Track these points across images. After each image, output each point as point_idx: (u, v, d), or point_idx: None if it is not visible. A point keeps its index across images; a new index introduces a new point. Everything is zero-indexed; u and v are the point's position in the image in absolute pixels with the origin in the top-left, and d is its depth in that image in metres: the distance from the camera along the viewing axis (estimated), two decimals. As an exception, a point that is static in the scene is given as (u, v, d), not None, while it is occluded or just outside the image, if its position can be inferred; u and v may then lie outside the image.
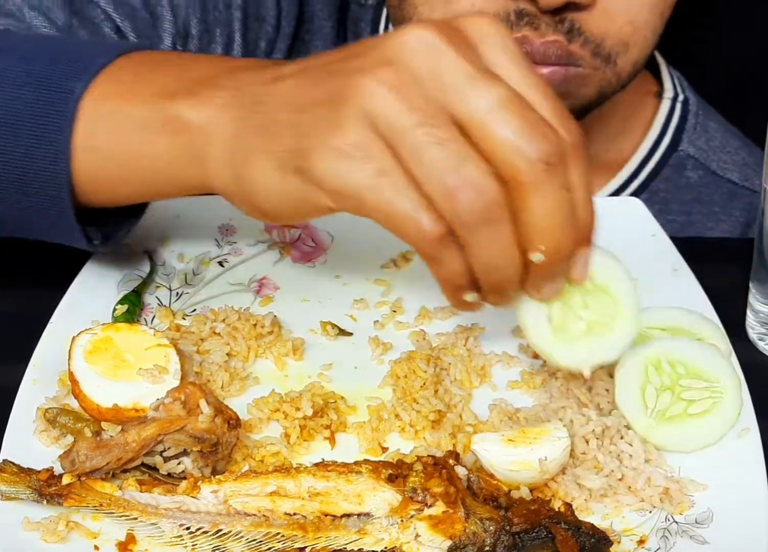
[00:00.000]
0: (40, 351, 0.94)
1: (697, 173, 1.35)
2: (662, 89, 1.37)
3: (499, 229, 0.75)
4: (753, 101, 1.44)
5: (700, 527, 0.82)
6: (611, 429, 0.87)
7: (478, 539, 0.77)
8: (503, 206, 0.75)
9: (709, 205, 1.35)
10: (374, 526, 0.79)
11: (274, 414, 0.90)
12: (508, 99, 0.74)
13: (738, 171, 1.36)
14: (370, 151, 0.75)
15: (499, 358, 0.97)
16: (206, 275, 1.06)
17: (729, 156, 1.37)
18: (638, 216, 1.12)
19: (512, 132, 0.73)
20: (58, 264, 1.03)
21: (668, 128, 1.35)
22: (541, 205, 0.75)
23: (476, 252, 0.77)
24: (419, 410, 0.91)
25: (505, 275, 0.78)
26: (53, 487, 0.80)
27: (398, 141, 0.74)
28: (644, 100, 1.37)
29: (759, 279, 1.01)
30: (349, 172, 0.75)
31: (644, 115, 1.37)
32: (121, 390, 0.87)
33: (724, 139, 1.37)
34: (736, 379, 0.89)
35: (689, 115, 1.36)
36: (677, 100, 1.37)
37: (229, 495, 0.80)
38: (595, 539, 0.78)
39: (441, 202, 0.74)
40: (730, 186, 1.35)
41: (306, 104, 0.78)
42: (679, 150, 1.35)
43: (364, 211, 0.77)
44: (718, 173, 1.36)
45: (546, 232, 0.76)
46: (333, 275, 1.07)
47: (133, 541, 0.80)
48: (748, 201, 1.35)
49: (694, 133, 1.36)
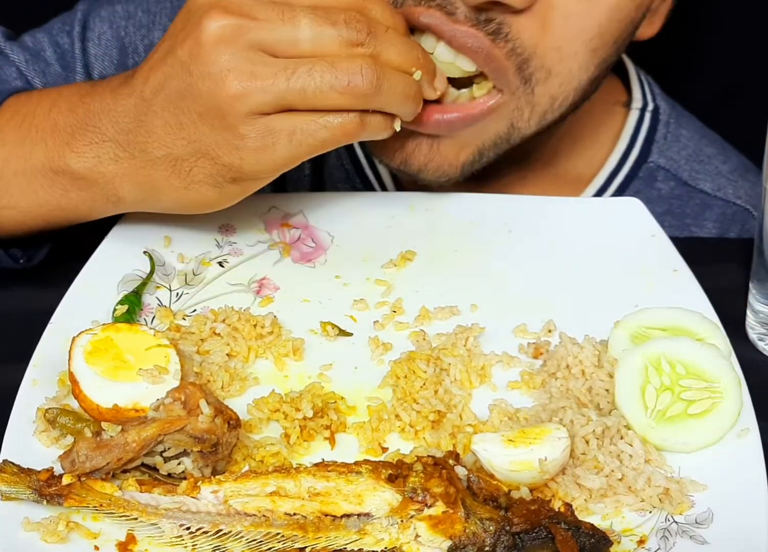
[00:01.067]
0: (40, 351, 0.94)
1: (668, 184, 1.33)
2: (631, 99, 1.34)
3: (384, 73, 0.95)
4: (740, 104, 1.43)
5: (700, 527, 0.82)
6: (611, 429, 0.87)
7: (478, 539, 0.77)
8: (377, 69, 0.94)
9: (680, 217, 1.32)
10: (374, 527, 0.79)
11: (274, 414, 0.91)
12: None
13: (711, 181, 1.33)
14: (269, 129, 0.93)
15: (499, 358, 0.97)
16: (206, 275, 1.06)
17: (702, 165, 1.34)
18: (638, 216, 1.12)
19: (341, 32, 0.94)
20: (58, 264, 1.03)
21: (637, 139, 1.33)
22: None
23: (385, 97, 0.95)
24: (419, 410, 0.91)
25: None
26: (53, 488, 0.80)
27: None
28: (612, 111, 1.34)
29: (759, 279, 1.01)
30: (273, 155, 0.94)
31: (612, 127, 1.34)
32: (122, 390, 0.87)
33: (697, 148, 1.34)
34: (736, 379, 0.89)
35: (659, 125, 1.33)
36: (646, 109, 1.34)
37: (229, 495, 0.80)
38: (595, 539, 0.78)
39: (340, 96, 0.93)
40: (703, 196, 1.33)
41: (186, 124, 0.95)
42: (648, 161, 1.32)
43: (306, 157, 0.96)
44: (690, 184, 1.33)
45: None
46: (333, 275, 1.07)
47: (133, 542, 0.80)
48: (720, 212, 1.32)
49: (664, 143, 1.33)
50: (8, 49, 1.31)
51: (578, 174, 1.33)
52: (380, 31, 0.96)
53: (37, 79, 1.29)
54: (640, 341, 0.93)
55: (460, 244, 1.10)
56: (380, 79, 0.94)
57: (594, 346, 0.96)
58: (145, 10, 1.35)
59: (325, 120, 0.94)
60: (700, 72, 1.60)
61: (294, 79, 0.92)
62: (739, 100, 1.60)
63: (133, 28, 1.35)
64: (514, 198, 1.16)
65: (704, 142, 1.36)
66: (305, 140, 0.94)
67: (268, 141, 0.93)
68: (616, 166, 1.32)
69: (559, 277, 1.06)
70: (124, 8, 1.35)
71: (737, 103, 1.60)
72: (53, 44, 1.32)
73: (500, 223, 1.12)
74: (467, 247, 1.10)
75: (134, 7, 1.36)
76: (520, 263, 1.08)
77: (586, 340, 0.96)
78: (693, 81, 1.56)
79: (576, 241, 1.10)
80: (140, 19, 1.35)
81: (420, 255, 1.09)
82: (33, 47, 1.32)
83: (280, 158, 0.95)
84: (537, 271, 1.07)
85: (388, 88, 0.95)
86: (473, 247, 1.10)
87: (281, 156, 0.94)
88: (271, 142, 0.93)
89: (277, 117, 0.93)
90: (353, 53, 0.94)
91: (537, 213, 1.13)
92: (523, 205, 1.14)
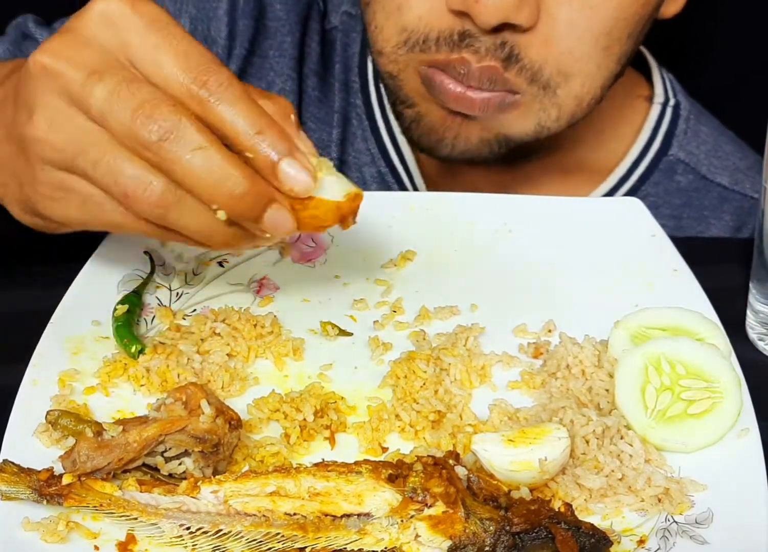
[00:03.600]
0: (40, 351, 0.94)
1: (687, 178, 1.35)
2: (653, 94, 1.37)
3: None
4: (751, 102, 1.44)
5: (700, 527, 0.82)
6: (611, 429, 0.87)
7: (478, 539, 0.77)
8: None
9: (699, 209, 1.35)
10: (374, 527, 0.79)
11: (274, 414, 0.91)
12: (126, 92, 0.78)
13: (729, 175, 1.36)
14: (63, 185, 0.83)
15: (499, 358, 0.97)
16: (206, 275, 1.06)
17: (720, 160, 1.37)
18: (638, 216, 1.12)
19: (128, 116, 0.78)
20: (58, 264, 1.03)
21: (658, 133, 1.35)
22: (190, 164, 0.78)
23: (174, 223, 0.81)
24: (419, 410, 0.91)
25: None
26: (53, 487, 0.80)
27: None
28: (634, 104, 1.37)
29: (759, 279, 1.01)
30: (65, 211, 0.84)
31: (634, 120, 1.37)
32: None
33: (716, 144, 1.37)
34: (736, 379, 0.89)
35: (680, 120, 1.36)
36: (668, 104, 1.37)
37: (229, 495, 0.80)
38: (595, 539, 0.78)
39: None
40: (721, 190, 1.35)
41: (5, 136, 0.86)
42: (669, 154, 1.35)
43: (102, 229, 0.87)
44: (708, 177, 1.36)
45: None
46: (333, 275, 1.07)
47: (133, 542, 0.80)
48: (738, 205, 1.35)
49: (684, 137, 1.36)
50: (38, 34, 1.31)
51: (600, 164, 1.35)
52: (187, 142, 0.77)
53: None
54: (640, 341, 0.93)
55: (460, 244, 1.10)
56: (167, 207, 0.79)
57: (594, 346, 0.96)
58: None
59: (118, 207, 0.82)
60: (700, 71, 1.60)
61: (80, 160, 0.80)
62: (738, 100, 1.60)
63: None
64: (514, 198, 1.16)
65: (722, 140, 1.39)
66: (98, 214, 0.83)
67: (61, 195, 0.84)
68: (637, 158, 1.35)
69: (559, 277, 1.06)
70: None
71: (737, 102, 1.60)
72: None
73: (500, 223, 1.12)
74: (467, 247, 1.10)
75: None
76: (520, 263, 1.08)
77: (586, 340, 0.96)
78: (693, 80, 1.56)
79: (576, 241, 1.10)
80: (167, 6, 1.34)
81: (420, 255, 1.09)
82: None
83: (74, 218, 0.85)
84: (537, 271, 1.07)
85: (176, 219, 0.80)
86: (473, 247, 1.10)
87: (74, 216, 0.85)
88: (63, 196, 0.84)
89: (72, 176, 0.82)
90: (142, 155, 0.78)
91: (537, 213, 1.13)
92: (523, 205, 1.14)
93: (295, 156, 0.80)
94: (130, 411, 0.91)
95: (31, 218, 0.90)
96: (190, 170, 0.77)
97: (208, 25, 1.35)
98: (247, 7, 1.36)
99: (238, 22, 1.35)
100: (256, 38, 1.37)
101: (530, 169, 1.32)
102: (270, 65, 1.38)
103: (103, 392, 0.92)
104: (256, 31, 1.37)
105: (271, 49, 1.38)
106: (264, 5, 1.37)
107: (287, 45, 1.38)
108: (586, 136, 1.32)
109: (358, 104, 1.40)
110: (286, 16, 1.38)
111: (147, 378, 0.93)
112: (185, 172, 0.78)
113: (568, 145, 1.32)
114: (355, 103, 1.40)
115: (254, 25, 1.36)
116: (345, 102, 1.40)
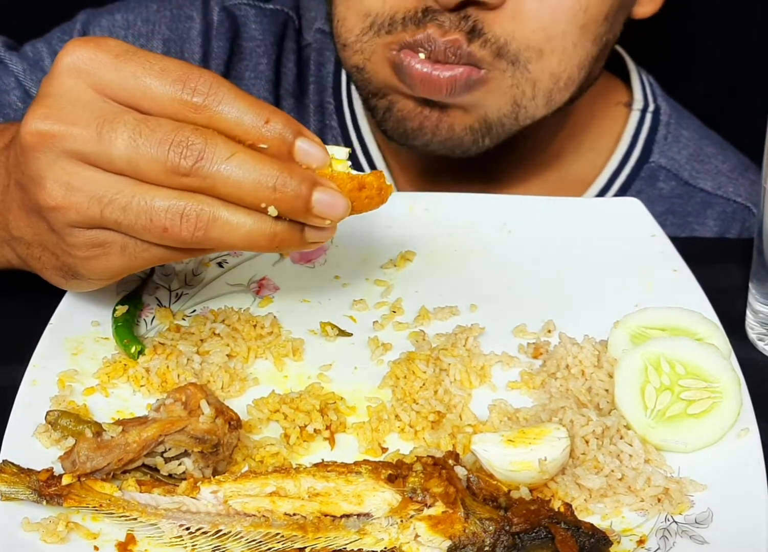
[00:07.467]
0: (40, 351, 0.94)
1: (669, 184, 1.35)
2: (632, 99, 1.36)
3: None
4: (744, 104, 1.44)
5: (699, 527, 0.82)
6: (611, 429, 0.87)
7: (478, 539, 0.77)
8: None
9: (682, 215, 1.35)
10: (374, 527, 0.79)
11: (274, 415, 0.91)
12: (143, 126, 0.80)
13: (711, 179, 1.35)
14: (97, 241, 0.84)
15: (499, 358, 0.97)
16: (206, 276, 1.06)
17: (702, 165, 1.36)
18: (638, 216, 1.12)
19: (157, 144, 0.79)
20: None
21: (638, 140, 1.35)
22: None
23: (216, 243, 0.83)
24: (419, 411, 0.91)
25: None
26: (53, 488, 0.80)
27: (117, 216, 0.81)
28: (613, 112, 1.37)
29: (759, 279, 1.01)
30: (107, 264, 0.85)
31: (614, 128, 1.36)
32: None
33: (698, 148, 1.37)
34: (736, 379, 0.89)
35: (660, 126, 1.35)
36: (647, 110, 1.36)
37: (229, 495, 0.80)
38: (595, 539, 0.78)
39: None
40: (704, 195, 1.35)
41: (30, 215, 0.86)
42: (650, 161, 1.35)
43: (148, 266, 0.89)
44: (691, 183, 1.35)
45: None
46: (332, 276, 1.07)
47: (132, 542, 0.80)
48: (721, 210, 1.35)
49: (665, 143, 1.35)
50: (8, 58, 1.33)
51: (580, 175, 1.34)
52: (219, 156, 0.79)
53: (35, 89, 1.30)
54: (640, 341, 0.93)
55: (460, 244, 1.10)
56: (207, 227, 0.80)
57: (594, 346, 0.96)
58: (145, 19, 1.36)
59: (159, 244, 0.83)
60: (699, 71, 1.60)
61: (108, 211, 0.81)
62: (738, 100, 1.60)
63: (132, 38, 1.35)
64: (514, 198, 1.16)
65: (704, 142, 1.37)
66: (140, 254, 0.84)
67: (99, 252, 0.84)
68: (617, 167, 1.34)
69: (559, 277, 1.06)
70: (124, 17, 1.36)
71: (737, 102, 1.60)
72: (52, 54, 1.32)
73: (500, 223, 1.12)
74: (467, 247, 1.10)
75: (134, 17, 1.36)
76: (520, 263, 1.08)
77: (585, 340, 0.96)
78: (692, 80, 1.56)
79: (576, 241, 1.10)
80: (139, 28, 1.35)
81: (419, 255, 1.09)
82: (32, 57, 1.33)
83: (116, 267, 0.86)
84: (537, 271, 1.07)
85: (219, 235, 0.81)
86: (473, 247, 1.10)
87: (117, 266, 0.86)
88: (102, 252, 0.84)
89: (104, 231, 0.83)
90: (178, 184, 0.80)
91: (537, 213, 1.13)
92: (523, 205, 1.14)
93: (305, 134, 0.82)
94: (130, 411, 0.91)
95: (73, 282, 0.90)
96: (230, 178, 0.79)
97: (181, 47, 1.35)
98: (222, 27, 1.35)
99: (212, 44, 1.35)
100: (231, 59, 1.37)
101: (510, 182, 1.31)
102: (246, 87, 1.37)
103: (102, 393, 0.92)
104: (231, 53, 1.36)
105: (246, 71, 1.38)
106: (238, 25, 1.37)
107: (263, 66, 1.38)
108: (566, 147, 1.32)
109: (334, 126, 1.40)
110: (262, 36, 1.38)
111: (147, 378, 0.93)
112: (226, 182, 0.79)
113: (549, 157, 1.32)
114: (331, 125, 1.40)
115: (229, 47, 1.36)
116: (321, 123, 1.40)
